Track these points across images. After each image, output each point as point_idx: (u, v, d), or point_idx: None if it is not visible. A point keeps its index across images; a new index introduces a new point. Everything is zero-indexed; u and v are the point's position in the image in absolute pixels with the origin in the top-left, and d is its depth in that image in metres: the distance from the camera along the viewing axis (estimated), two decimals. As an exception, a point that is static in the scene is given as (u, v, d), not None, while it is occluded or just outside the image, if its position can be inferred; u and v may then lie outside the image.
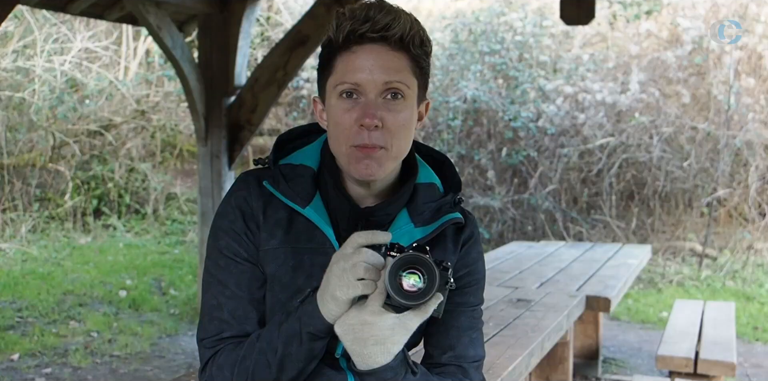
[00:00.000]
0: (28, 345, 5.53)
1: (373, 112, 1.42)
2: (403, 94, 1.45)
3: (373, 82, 1.42)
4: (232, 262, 1.52)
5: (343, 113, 1.44)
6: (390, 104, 1.44)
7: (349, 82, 1.43)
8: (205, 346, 1.53)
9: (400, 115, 1.45)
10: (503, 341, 3.01)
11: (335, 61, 1.46)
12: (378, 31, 1.42)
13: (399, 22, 1.43)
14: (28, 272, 7.58)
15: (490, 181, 9.78)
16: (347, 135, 1.43)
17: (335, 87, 1.45)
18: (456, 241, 1.60)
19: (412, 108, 1.48)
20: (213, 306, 1.53)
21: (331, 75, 1.47)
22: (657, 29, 10.21)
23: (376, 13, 1.42)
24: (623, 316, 7.03)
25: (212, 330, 1.52)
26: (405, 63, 1.45)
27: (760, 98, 9.43)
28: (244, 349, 1.47)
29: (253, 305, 1.52)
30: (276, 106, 10.91)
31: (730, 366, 4.00)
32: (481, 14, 10.45)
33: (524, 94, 9.89)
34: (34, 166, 9.95)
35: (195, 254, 8.47)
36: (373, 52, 1.43)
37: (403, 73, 1.45)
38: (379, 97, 1.44)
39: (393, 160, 1.47)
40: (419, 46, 1.46)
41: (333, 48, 1.46)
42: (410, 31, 1.44)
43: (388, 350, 1.37)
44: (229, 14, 5.74)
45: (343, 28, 1.43)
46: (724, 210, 9.68)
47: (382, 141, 1.43)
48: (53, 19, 10.43)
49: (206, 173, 5.95)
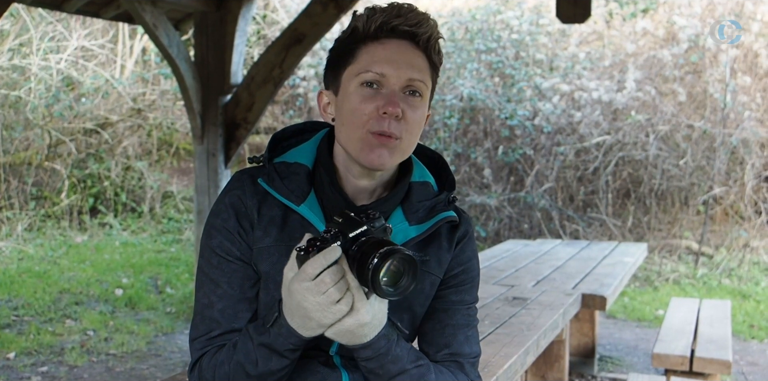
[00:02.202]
0: (24, 343, 5.52)
1: (398, 101, 1.44)
2: (421, 93, 1.48)
3: (398, 76, 1.45)
4: (224, 260, 1.53)
5: (363, 100, 1.45)
6: (409, 99, 1.47)
7: (375, 72, 1.45)
8: (195, 348, 1.54)
9: (417, 112, 1.47)
10: (499, 339, 3.02)
11: (359, 50, 1.47)
12: (411, 26, 1.46)
13: (429, 24, 1.48)
14: (24, 271, 7.57)
15: (486, 180, 9.78)
16: (365, 121, 1.44)
17: (357, 75, 1.46)
18: (450, 240, 1.61)
19: (425, 108, 1.51)
20: (204, 304, 1.54)
21: (351, 64, 1.48)
22: (653, 27, 10.22)
23: (407, 12, 1.46)
24: (619, 314, 7.04)
25: (203, 329, 1.53)
26: (426, 65, 1.49)
27: (756, 96, 9.45)
28: (223, 354, 1.48)
29: (245, 304, 1.53)
30: (272, 105, 10.92)
31: (726, 364, 4.01)
32: (477, 12, 10.46)
33: (520, 92, 9.89)
34: (30, 164, 9.94)
35: (191, 252, 8.46)
36: (401, 46, 1.47)
37: (423, 72, 1.48)
38: (399, 91, 1.46)
39: (402, 153, 1.49)
40: (437, 54, 1.52)
41: (358, 38, 1.48)
42: (436, 36, 1.50)
43: (381, 327, 1.40)
44: (226, 12, 5.74)
45: (375, 19, 1.45)
46: (720, 208, 9.69)
47: (399, 131, 1.45)
48: (49, 17, 10.41)
49: (203, 171, 5.94)
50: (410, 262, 1.31)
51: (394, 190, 1.55)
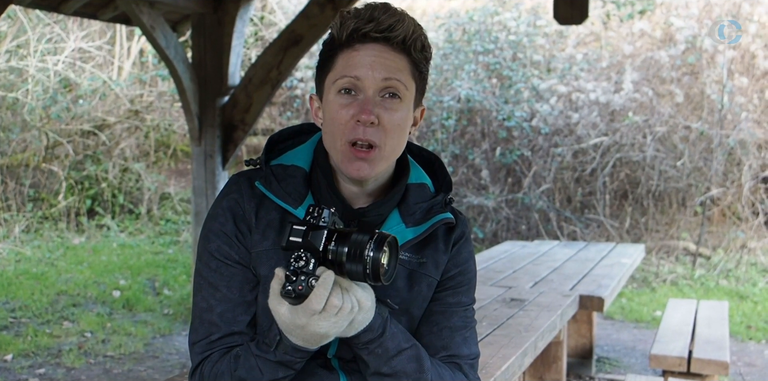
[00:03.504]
0: (22, 345, 5.51)
1: (371, 108, 1.43)
2: (401, 95, 1.47)
3: (372, 77, 1.44)
4: (222, 264, 1.53)
5: (340, 109, 1.45)
6: (387, 103, 1.45)
7: (349, 76, 1.44)
8: (195, 352, 1.54)
9: (396, 115, 1.46)
10: (496, 341, 3.02)
11: (336, 58, 1.47)
12: (381, 31, 1.44)
13: (403, 25, 1.45)
14: (21, 272, 7.56)
15: (484, 181, 9.79)
16: (342, 130, 1.44)
17: (334, 82, 1.46)
18: (447, 241, 1.61)
19: (408, 109, 1.50)
20: (203, 308, 1.54)
21: (330, 71, 1.48)
22: (650, 29, 10.23)
23: (381, 14, 1.44)
24: (617, 315, 7.04)
25: (202, 333, 1.53)
26: (405, 64, 1.47)
27: (753, 97, 9.46)
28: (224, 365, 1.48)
29: (244, 307, 1.53)
30: (270, 106, 10.90)
31: (723, 365, 4.01)
32: (474, 14, 10.46)
33: (518, 93, 9.90)
34: (28, 166, 9.93)
35: (189, 254, 8.46)
36: (375, 50, 1.45)
37: (402, 73, 1.46)
38: (377, 96, 1.45)
39: (385, 160, 1.48)
40: (420, 51, 1.49)
41: (335, 45, 1.48)
42: (413, 34, 1.47)
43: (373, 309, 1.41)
44: (223, 14, 5.74)
45: (347, 26, 1.45)
46: (717, 209, 9.70)
47: (377, 138, 1.44)
48: (46, 19, 10.40)
49: (200, 173, 5.94)
50: (393, 243, 1.31)
51: (390, 192, 1.55)
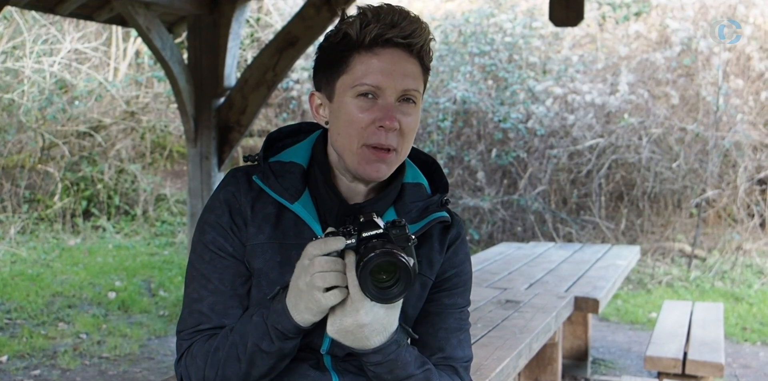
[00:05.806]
0: (17, 347, 5.50)
1: (394, 114, 1.45)
2: (415, 100, 1.50)
3: (393, 87, 1.46)
4: (216, 256, 1.53)
5: (360, 112, 1.46)
6: (404, 108, 1.48)
7: (370, 85, 1.46)
8: (182, 338, 1.55)
9: (412, 119, 1.49)
10: (491, 342, 3.02)
11: (352, 59, 1.48)
12: (405, 37, 1.46)
13: (422, 32, 1.48)
14: (16, 274, 7.55)
15: (479, 182, 9.79)
16: (361, 134, 1.46)
17: (352, 87, 1.47)
18: (442, 241, 1.62)
19: (419, 112, 1.53)
20: (194, 299, 1.54)
21: (345, 73, 1.49)
22: (646, 30, 10.24)
23: (401, 20, 1.46)
24: (612, 317, 7.05)
25: (191, 322, 1.53)
26: (419, 70, 1.51)
27: (748, 99, 9.48)
28: (218, 340, 1.49)
29: (236, 300, 1.53)
30: (266, 107, 10.90)
31: (719, 367, 4.02)
32: (470, 15, 10.46)
33: (514, 95, 9.90)
34: (23, 167, 9.92)
35: (184, 255, 8.45)
36: (394, 56, 1.47)
37: (418, 80, 1.50)
38: (395, 101, 1.47)
39: (400, 161, 1.53)
40: (428, 56, 1.53)
41: (351, 46, 1.48)
42: (427, 41, 1.50)
43: (389, 333, 1.41)
44: (219, 15, 5.73)
45: (369, 30, 1.45)
46: (713, 211, 9.72)
47: (395, 142, 1.47)
48: (42, 20, 10.39)
49: (196, 174, 5.94)
50: (405, 270, 1.31)
51: (386, 189, 1.56)
